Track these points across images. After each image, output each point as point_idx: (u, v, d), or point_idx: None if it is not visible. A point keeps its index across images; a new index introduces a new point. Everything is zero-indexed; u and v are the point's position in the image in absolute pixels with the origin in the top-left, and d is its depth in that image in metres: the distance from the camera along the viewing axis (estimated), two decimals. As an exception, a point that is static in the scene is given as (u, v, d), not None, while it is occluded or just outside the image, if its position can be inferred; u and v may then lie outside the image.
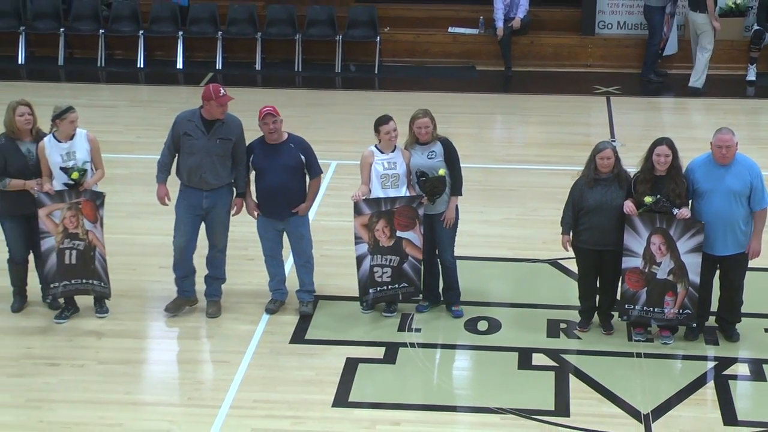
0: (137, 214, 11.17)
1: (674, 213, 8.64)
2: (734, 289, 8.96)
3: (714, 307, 9.10)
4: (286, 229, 9.35)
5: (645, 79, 16.34)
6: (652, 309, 8.89)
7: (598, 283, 9.10)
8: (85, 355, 8.88)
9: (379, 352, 8.92)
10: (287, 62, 16.84)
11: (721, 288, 9.02)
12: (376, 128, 9.18)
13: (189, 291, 9.53)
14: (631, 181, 8.81)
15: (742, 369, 8.74)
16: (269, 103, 9.26)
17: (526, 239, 11.00)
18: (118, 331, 9.24)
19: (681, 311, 8.86)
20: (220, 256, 9.43)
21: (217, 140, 9.07)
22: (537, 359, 8.84)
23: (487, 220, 11.41)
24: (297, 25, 16.88)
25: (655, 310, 8.88)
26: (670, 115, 15.65)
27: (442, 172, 9.09)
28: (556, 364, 8.77)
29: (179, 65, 16.88)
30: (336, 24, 16.86)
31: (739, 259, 8.83)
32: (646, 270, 8.80)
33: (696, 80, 15.73)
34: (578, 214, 8.90)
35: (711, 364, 8.79)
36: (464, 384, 8.71)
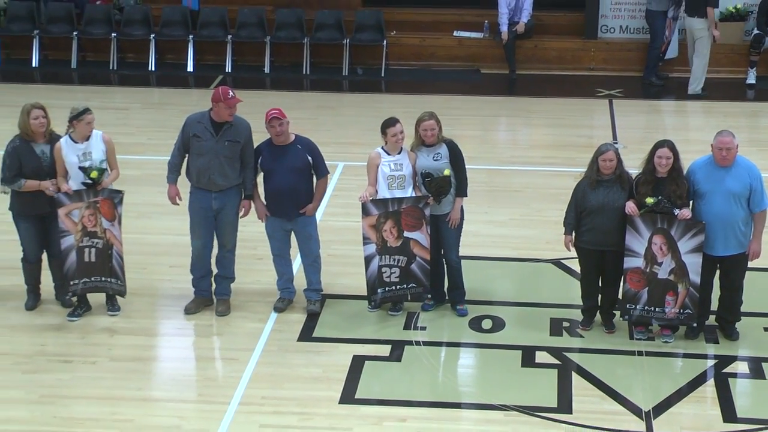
0: (148, 214, 11.16)
1: (675, 214, 8.61)
2: (734, 288, 8.94)
3: (714, 307, 9.08)
4: (294, 229, 9.34)
5: (647, 82, 16.31)
6: (653, 308, 8.86)
7: (600, 282, 9.08)
8: (97, 352, 8.88)
9: (386, 349, 8.91)
10: (296, 65, 16.84)
11: (722, 288, 8.99)
12: (383, 130, 9.16)
13: (206, 291, 9.52)
14: (633, 182, 8.79)
15: (742, 367, 8.72)
16: (278, 106, 9.25)
17: (529, 239, 10.97)
18: (130, 328, 9.24)
19: (682, 311, 8.83)
20: (229, 255, 9.43)
21: (226, 142, 9.06)
22: (540, 357, 8.83)
23: (492, 221, 11.39)
24: (305, 29, 16.88)
25: (656, 309, 8.86)
26: (671, 117, 15.61)
27: (447, 172, 9.08)
28: (558, 362, 8.75)
29: (190, 68, 16.88)
30: (343, 28, 16.87)
31: (738, 260, 8.80)
32: (648, 270, 8.77)
33: (695, 87, 15.68)
34: (581, 214, 8.88)
35: (711, 363, 8.76)
36: (469, 381, 8.70)
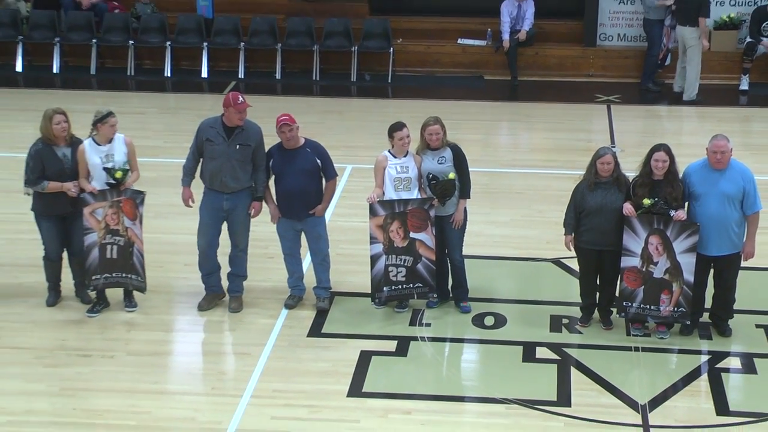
0: (164, 214, 11.17)
1: (671, 215, 8.65)
2: (727, 287, 8.96)
3: (708, 304, 9.11)
4: (304, 229, 9.38)
5: (644, 88, 16.32)
6: (648, 306, 8.89)
7: (598, 281, 9.12)
8: (115, 346, 8.93)
9: (392, 345, 8.95)
10: (306, 72, 16.87)
11: (715, 286, 9.01)
12: (390, 134, 9.21)
13: (216, 286, 9.57)
14: (630, 184, 8.82)
15: (734, 362, 8.74)
16: (288, 111, 9.29)
17: (530, 239, 11.00)
18: (147, 324, 9.29)
19: (676, 309, 8.86)
20: (241, 255, 9.47)
21: (237, 146, 9.10)
22: (540, 353, 8.86)
23: (494, 221, 11.41)
24: (315, 37, 16.93)
25: (652, 307, 8.89)
26: (667, 122, 15.59)
27: (451, 175, 9.12)
28: (558, 358, 8.78)
29: (204, 74, 16.92)
30: (352, 36, 16.90)
31: (732, 260, 8.82)
32: (644, 269, 8.80)
33: (690, 93, 15.68)
34: (580, 215, 8.92)
35: (705, 358, 8.78)
36: (472, 375, 8.73)
